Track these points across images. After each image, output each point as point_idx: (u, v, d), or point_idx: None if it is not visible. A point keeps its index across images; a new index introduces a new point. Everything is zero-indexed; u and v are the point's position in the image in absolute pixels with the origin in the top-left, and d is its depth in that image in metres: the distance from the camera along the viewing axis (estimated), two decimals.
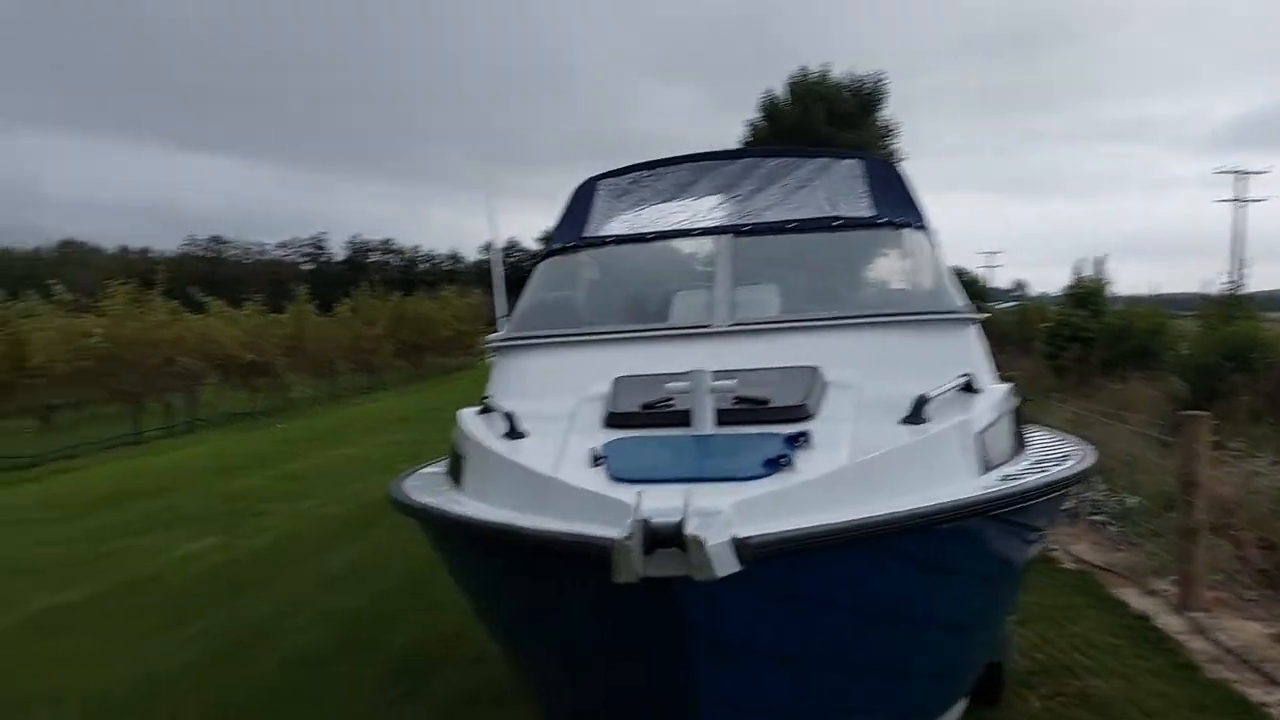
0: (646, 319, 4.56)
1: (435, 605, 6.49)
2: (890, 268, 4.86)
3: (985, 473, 3.25)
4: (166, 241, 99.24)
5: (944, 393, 3.36)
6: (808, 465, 2.74)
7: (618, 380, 3.71)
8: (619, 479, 2.66)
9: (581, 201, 5.23)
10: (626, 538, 2.13)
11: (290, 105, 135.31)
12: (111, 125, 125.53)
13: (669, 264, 4.95)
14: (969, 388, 3.57)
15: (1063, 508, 5.25)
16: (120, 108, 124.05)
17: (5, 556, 8.96)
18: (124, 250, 71.71)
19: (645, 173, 5.25)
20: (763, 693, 2.50)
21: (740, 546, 2.17)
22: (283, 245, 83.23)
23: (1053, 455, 4.06)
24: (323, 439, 17.16)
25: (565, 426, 3.38)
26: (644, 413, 3.34)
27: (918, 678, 3.12)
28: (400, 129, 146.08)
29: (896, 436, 3.07)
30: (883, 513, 2.52)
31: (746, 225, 4.64)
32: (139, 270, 24.03)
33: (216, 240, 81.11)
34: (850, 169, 4.91)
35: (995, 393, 3.84)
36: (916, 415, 3.16)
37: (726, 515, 2.19)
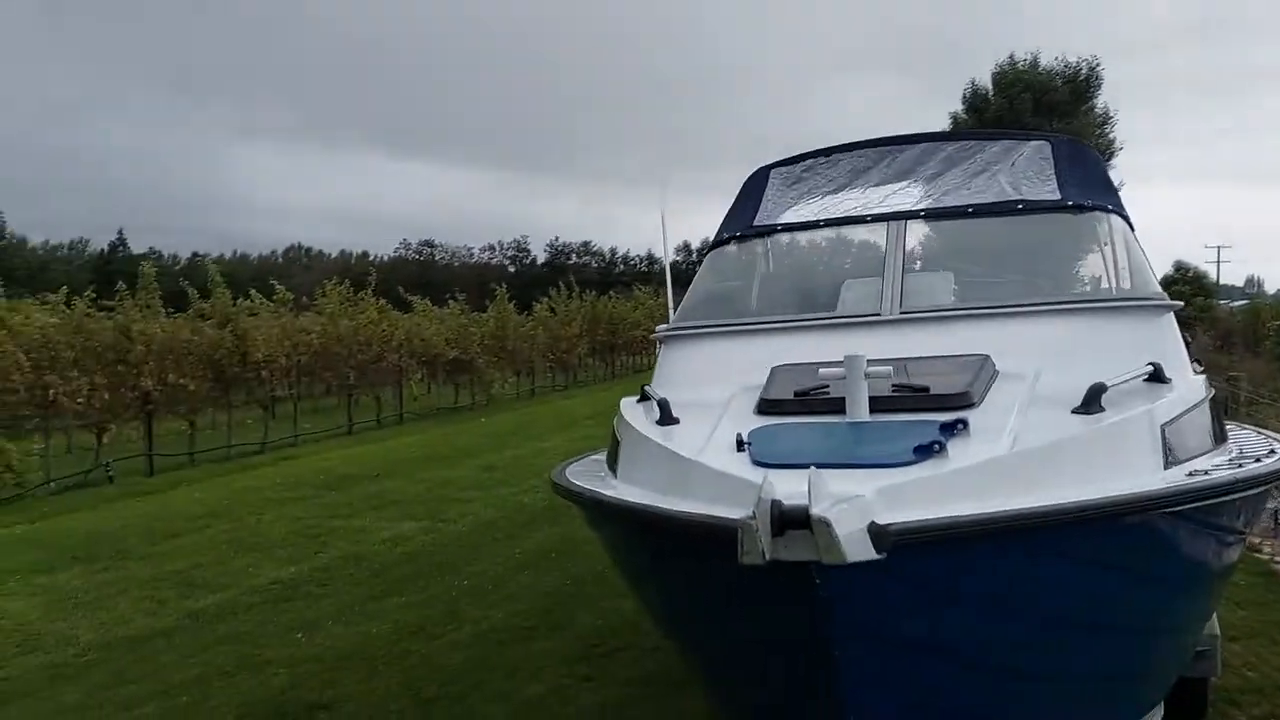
0: (814, 308, 4.47)
1: (621, 591, 6.67)
2: (1075, 253, 4.62)
3: (1171, 467, 3.05)
4: (383, 245, 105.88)
5: (1125, 382, 3.17)
6: (963, 454, 2.63)
7: (775, 369, 3.66)
8: (759, 463, 2.63)
9: (753, 190, 5.15)
10: (751, 518, 2.12)
11: (492, 115, 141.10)
12: (336, 137, 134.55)
13: (839, 252, 4.86)
14: (1156, 377, 3.34)
15: (1269, 508, 4.75)
16: (342, 119, 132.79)
17: (236, 536, 9.88)
18: (344, 254, 77.08)
19: (820, 159, 5.11)
20: (911, 689, 2.40)
21: (878, 533, 2.11)
22: (488, 249, 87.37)
23: (1255, 452, 3.78)
24: (520, 433, 17.85)
25: (718, 413, 3.37)
26: (796, 399, 3.30)
27: (1084, 685, 2.94)
28: (596, 135, 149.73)
29: (1066, 426, 2.91)
30: (1040, 505, 2.39)
31: (921, 211, 4.47)
32: (356, 272, 25.70)
33: (427, 244, 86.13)
34: (1036, 151, 4.65)
35: (1187, 384, 3.58)
36: (1091, 404, 2.98)
37: (865, 501, 2.15)
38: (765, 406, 3.33)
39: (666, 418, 3.51)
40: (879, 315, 4.03)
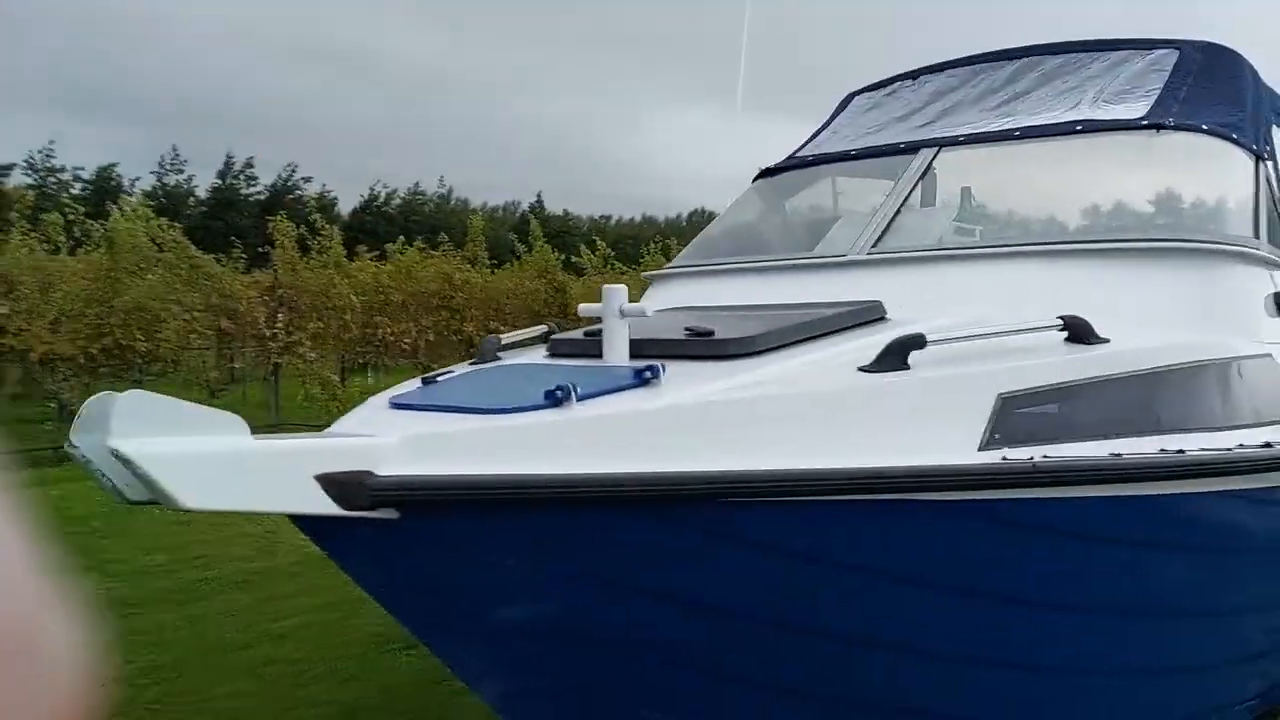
0: (803, 248, 3.96)
1: None
2: (1133, 182, 3.82)
3: (994, 448, 2.41)
4: None
5: (984, 336, 2.60)
6: (607, 405, 2.20)
7: (659, 312, 3.17)
8: (398, 405, 2.35)
9: (830, 118, 4.85)
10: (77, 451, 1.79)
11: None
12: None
13: (864, 186, 4.30)
14: (1076, 337, 2.70)
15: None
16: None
17: None
18: None
19: (907, 82, 4.76)
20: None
21: (348, 485, 1.84)
22: None
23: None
24: None
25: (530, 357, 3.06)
26: (573, 341, 2.92)
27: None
28: None
29: (827, 384, 2.41)
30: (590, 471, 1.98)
31: (960, 136, 3.92)
32: None
33: None
34: (1154, 62, 4.05)
35: (1146, 349, 2.83)
36: (884, 361, 2.44)
37: (386, 448, 1.92)
38: (551, 347, 3.06)
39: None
40: (842, 256, 3.61)
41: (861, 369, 2.44)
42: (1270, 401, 3.13)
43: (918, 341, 2.44)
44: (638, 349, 2.45)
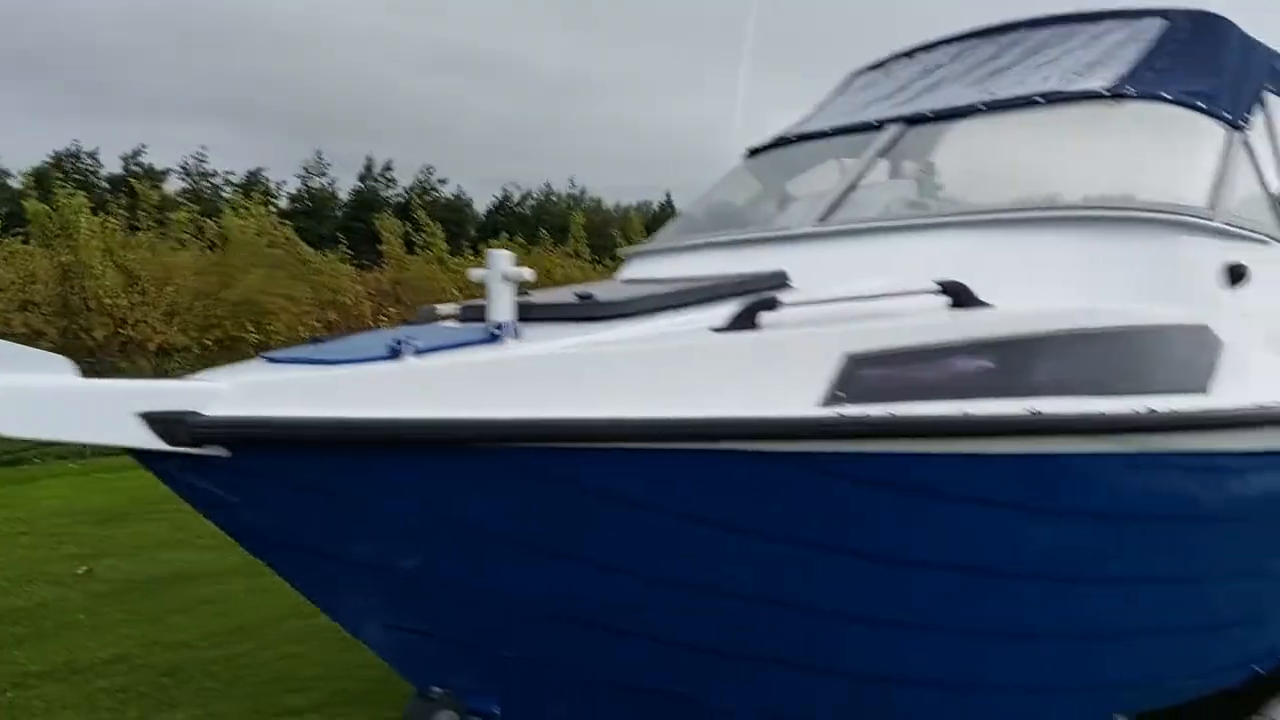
0: (766, 224, 3.97)
1: None
2: (1089, 152, 3.70)
3: (837, 404, 2.41)
4: None
5: (844, 300, 2.63)
6: (452, 357, 2.29)
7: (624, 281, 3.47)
8: (268, 359, 2.47)
9: (828, 98, 4.79)
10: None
11: None
12: None
13: (832, 163, 4.19)
14: (959, 302, 2.67)
15: None
16: None
17: None
18: None
19: (902, 60, 4.70)
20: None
21: (171, 422, 1.97)
22: None
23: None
24: None
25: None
26: (474, 305, 2.91)
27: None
28: None
29: (669, 342, 2.48)
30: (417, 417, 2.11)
31: (927, 113, 3.88)
32: None
33: None
34: (1138, 31, 3.96)
35: (1056, 314, 2.80)
36: (736, 321, 2.48)
37: (217, 391, 2.04)
38: (462, 312, 3.14)
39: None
40: (789, 230, 3.62)
41: (712, 329, 2.48)
42: (1183, 372, 3.04)
43: (769, 303, 2.49)
44: (526, 312, 2.50)
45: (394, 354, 2.20)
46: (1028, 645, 2.87)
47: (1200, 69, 3.78)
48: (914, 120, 3.89)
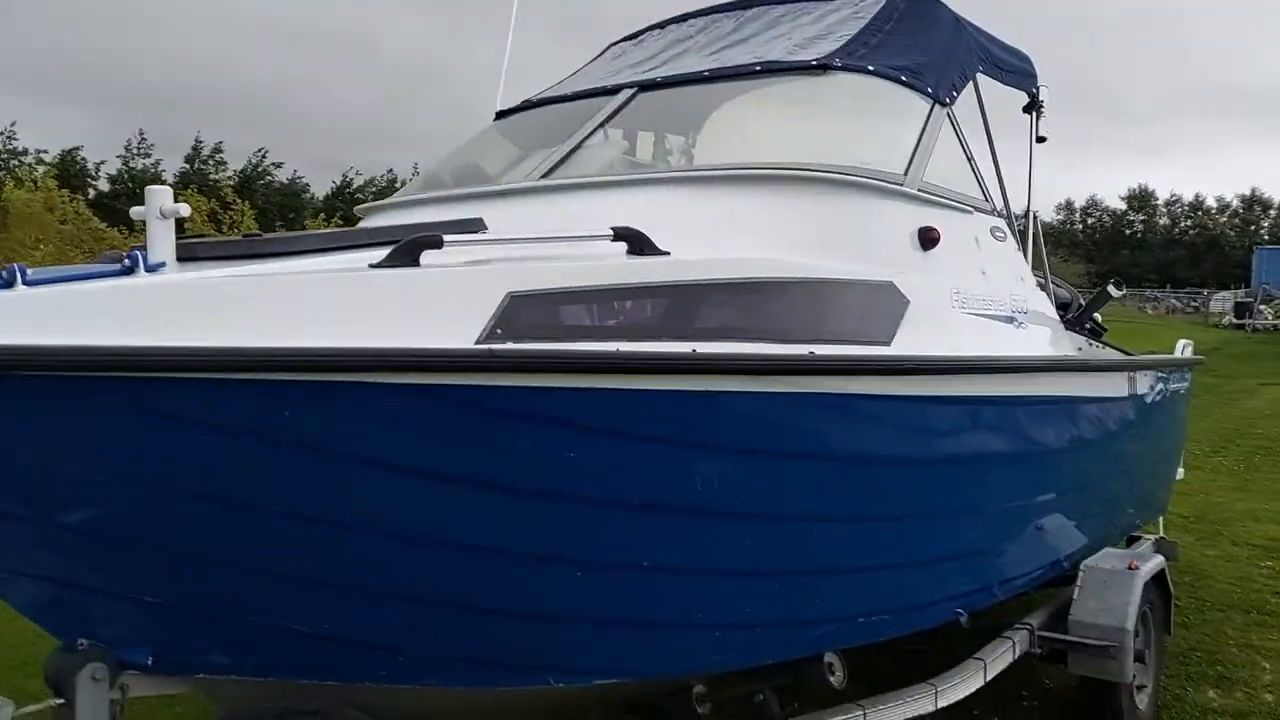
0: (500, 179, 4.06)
1: None
2: (797, 120, 3.97)
3: (495, 341, 2.45)
4: None
5: (514, 241, 2.78)
6: (71, 287, 2.19)
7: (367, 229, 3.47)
8: None
9: (581, 66, 5.00)
10: None
11: None
12: None
13: (570, 125, 4.20)
14: (634, 248, 2.78)
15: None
16: None
17: None
18: None
19: (655, 31, 4.96)
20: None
21: None
22: None
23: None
24: None
25: None
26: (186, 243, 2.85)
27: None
28: None
29: (322, 275, 2.46)
30: None
31: (657, 79, 4.10)
32: None
33: None
34: (863, 9, 4.28)
35: (733, 264, 2.96)
36: (395, 258, 2.47)
37: None
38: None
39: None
40: (512, 184, 3.72)
41: (371, 265, 2.46)
42: (866, 324, 3.23)
43: (433, 241, 2.49)
44: (191, 251, 2.46)
45: (6, 284, 2.09)
46: (702, 581, 2.89)
47: (910, 46, 4.07)
48: (646, 86, 4.05)
